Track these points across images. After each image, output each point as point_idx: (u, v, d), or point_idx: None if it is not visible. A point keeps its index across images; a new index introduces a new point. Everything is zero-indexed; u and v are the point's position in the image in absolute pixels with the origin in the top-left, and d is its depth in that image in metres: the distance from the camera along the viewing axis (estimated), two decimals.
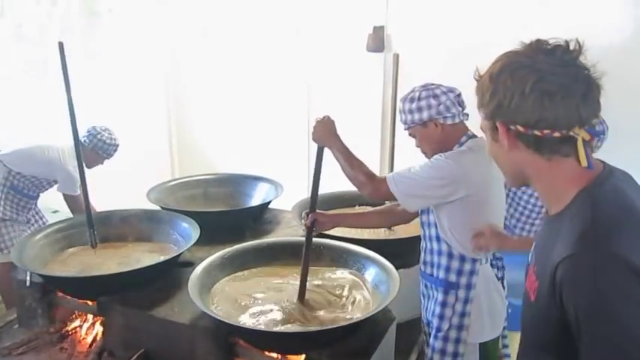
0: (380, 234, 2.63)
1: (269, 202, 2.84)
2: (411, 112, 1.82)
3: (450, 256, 1.82)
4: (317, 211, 2.00)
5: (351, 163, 1.88)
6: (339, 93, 4.27)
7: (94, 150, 3.14)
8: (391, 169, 2.98)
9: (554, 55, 0.93)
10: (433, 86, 1.83)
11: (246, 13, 4.55)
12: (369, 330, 1.76)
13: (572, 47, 0.94)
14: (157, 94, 5.14)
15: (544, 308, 0.95)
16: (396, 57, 2.88)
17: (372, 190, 1.86)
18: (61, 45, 2.05)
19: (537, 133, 0.94)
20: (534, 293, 1.00)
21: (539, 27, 3.48)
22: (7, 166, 3.05)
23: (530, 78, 0.92)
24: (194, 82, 5.08)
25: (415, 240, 2.42)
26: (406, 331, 1.97)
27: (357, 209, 2.86)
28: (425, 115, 1.80)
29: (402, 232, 2.60)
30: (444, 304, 1.84)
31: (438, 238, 1.84)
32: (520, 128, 0.95)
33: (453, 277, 1.82)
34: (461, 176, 1.73)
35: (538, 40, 0.96)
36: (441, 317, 1.84)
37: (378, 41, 3.93)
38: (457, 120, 1.82)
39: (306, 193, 4.22)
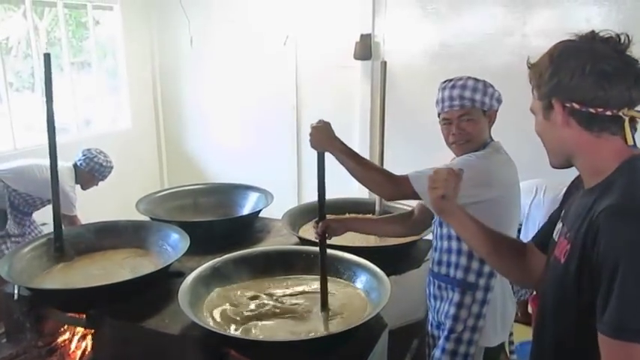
0: (371, 241, 2.63)
1: (259, 211, 2.83)
2: (492, 96, 1.77)
3: (470, 256, 1.77)
4: (327, 217, 1.91)
5: (361, 163, 1.75)
6: (328, 100, 4.30)
7: (90, 172, 3.33)
8: None
9: (609, 43, 1.03)
10: None
11: (235, 22, 4.58)
12: (361, 337, 1.76)
13: (622, 40, 1.04)
14: (146, 105, 5.13)
15: (573, 265, 1.02)
16: (384, 64, 2.91)
17: (392, 189, 1.73)
18: (46, 56, 2.02)
19: (592, 110, 1.03)
20: (565, 256, 1.07)
21: (522, 33, 3.56)
22: (3, 182, 3.07)
23: (590, 60, 1.02)
24: (183, 92, 5.09)
25: (406, 247, 2.43)
26: (398, 337, 1.96)
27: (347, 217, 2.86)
28: (500, 103, 1.80)
29: (393, 239, 2.60)
30: (459, 305, 1.80)
31: (459, 237, 1.74)
32: (576, 105, 1.04)
33: (472, 278, 1.78)
34: (494, 175, 1.70)
35: (592, 32, 1.06)
36: (456, 318, 1.80)
37: (365, 49, 3.96)
38: None
39: (296, 202, 4.24)
